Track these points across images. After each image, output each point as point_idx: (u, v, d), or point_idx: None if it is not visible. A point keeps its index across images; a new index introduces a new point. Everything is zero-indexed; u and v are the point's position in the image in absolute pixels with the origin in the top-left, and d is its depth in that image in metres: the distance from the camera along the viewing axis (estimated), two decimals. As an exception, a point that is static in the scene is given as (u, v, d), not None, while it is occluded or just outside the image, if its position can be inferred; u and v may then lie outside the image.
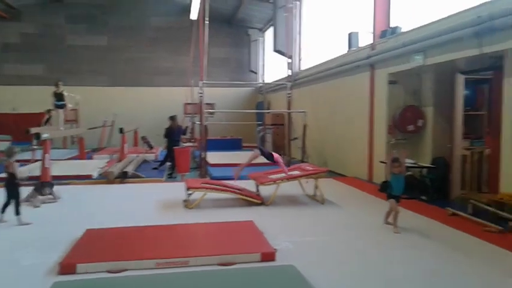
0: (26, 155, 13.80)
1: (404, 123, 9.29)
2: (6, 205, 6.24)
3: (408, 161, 8.56)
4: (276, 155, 7.96)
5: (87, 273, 4.21)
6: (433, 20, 7.99)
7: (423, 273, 4.35)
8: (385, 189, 6.17)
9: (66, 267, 4.30)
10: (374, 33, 10.02)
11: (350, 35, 11.28)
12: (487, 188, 8.10)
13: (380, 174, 9.44)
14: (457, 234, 5.73)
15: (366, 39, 10.72)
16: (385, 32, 9.62)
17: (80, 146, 14.70)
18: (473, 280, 4.18)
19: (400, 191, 5.98)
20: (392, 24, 9.72)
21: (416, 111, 9.30)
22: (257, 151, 8.06)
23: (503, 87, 6.81)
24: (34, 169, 9.51)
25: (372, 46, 10.08)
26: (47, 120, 14.28)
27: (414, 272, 4.38)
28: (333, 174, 11.08)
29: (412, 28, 8.71)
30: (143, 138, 15.50)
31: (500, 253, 4.95)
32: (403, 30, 9.10)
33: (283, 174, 7.86)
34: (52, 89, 12.11)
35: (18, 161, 6.54)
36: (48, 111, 14.08)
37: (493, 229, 5.80)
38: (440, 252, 4.99)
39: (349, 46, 11.34)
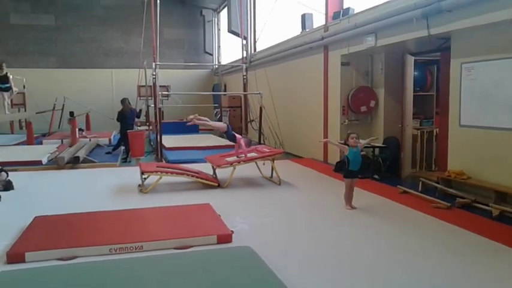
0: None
1: (357, 104, 9.48)
2: None
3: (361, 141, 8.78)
4: (238, 137, 7.93)
5: (37, 261, 4.07)
6: (384, 1, 8.11)
7: (374, 249, 4.48)
8: (340, 169, 6.21)
9: (14, 256, 4.14)
10: (327, 14, 10.08)
11: (303, 16, 11.31)
12: (436, 166, 8.43)
13: (335, 155, 9.64)
14: (408, 211, 5.94)
15: (319, 20, 10.77)
16: (338, 13, 9.69)
17: (28, 131, 14.07)
18: (421, 255, 4.34)
19: (358, 166, 5.94)
20: (345, 6, 9.81)
21: (368, 92, 9.51)
22: (225, 126, 8.04)
23: (450, 68, 7.06)
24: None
25: (325, 27, 10.14)
26: None
27: (367, 248, 4.51)
28: (289, 155, 11.19)
29: (364, 9, 8.81)
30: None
31: (449, 228, 5.16)
32: (356, 11, 9.20)
33: (241, 156, 7.87)
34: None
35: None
36: None
37: (441, 205, 6.05)
38: (391, 229, 5.17)
39: (303, 27, 11.38)
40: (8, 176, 7.31)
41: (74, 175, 8.98)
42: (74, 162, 9.73)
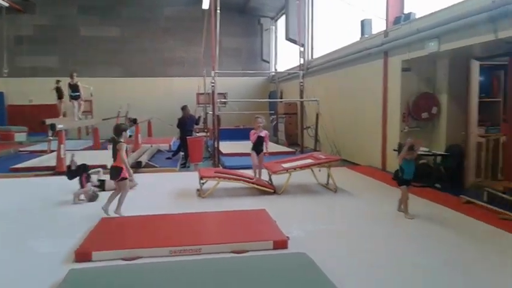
0: (42, 146, 14.03)
1: (419, 111, 9.20)
2: None
3: (422, 149, 8.52)
4: (265, 132, 7.80)
5: (102, 260, 4.29)
6: (447, 6, 7.86)
7: (437, 261, 4.33)
8: (396, 177, 6.17)
9: (82, 255, 4.38)
10: (387, 19, 9.90)
11: (363, 22, 11.16)
12: (502, 175, 8.00)
13: (394, 163, 9.38)
14: (472, 222, 5.68)
15: (379, 26, 10.60)
16: (399, 18, 9.49)
17: (95, 136, 14.86)
18: (488, 268, 4.14)
19: (411, 175, 5.99)
20: (406, 11, 9.59)
21: (430, 98, 9.21)
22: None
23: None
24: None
25: (385, 33, 9.96)
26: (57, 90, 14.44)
27: (427, 260, 4.37)
28: (346, 163, 11.04)
29: (426, 14, 8.57)
30: None
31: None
32: (417, 16, 8.96)
33: (297, 163, 7.87)
34: (67, 80, 12.28)
35: (32, 151, 6.64)
36: (57, 81, 14.35)
37: (508, 216, 5.74)
38: (455, 240, 4.96)
39: (362, 33, 11.23)
40: (91, 187, 7.18)
41: (137, 179, 9.31)
42: (137, 167, 10.11)
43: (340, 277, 3.75)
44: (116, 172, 5.90)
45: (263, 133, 7.71)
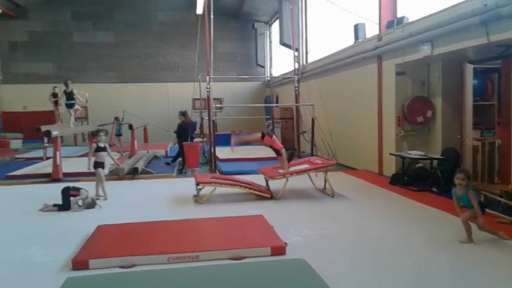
0: (38, 153, 13.97)
1: (414, 115, 9.25)
2: None
3: (418, 153, 8.56)
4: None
5: (100, 268, 4.27)
6: (440, 9, 7.91)
7: (435, 264, 4.34)
8: (396, 181, 5.93)
9: (79, 263, 4.36)
10: (380, 23, 9.95)
11: (356, 26, 11.21)
12: (499, 178, 8.03)
13: (390, 167, 9.43)
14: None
15: (372, 30, 10.65)
16: (392, 22, 9.54)
17: (91, 143, 14.78)
18: (484, 274, 4.16)
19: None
20: (398, 15, 9.64)
21: (425, 102, 9.26)
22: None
23: (512, 76, 6.75)
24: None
25: (378, 37, 10.01)
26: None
27: (426, 263, 4.38)
28: (342, 167, 11.06)
29: (418, 18, 8.63)
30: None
31: (513, 244, 4.91)
32: (410, 20, 9.02)
33: (293, 168, 7.88)
34: (62, 87, 12.27)
35: (28, 159, 6.63)
36: (54, 88, 14.27)
37: (505, 220, 5.76)
38: (451, 244, 4.97)
39: (356, 37, 11.28)
40: (88, 194, 7.14)
41: (134, 185, 9.34)
42: (133, 173, 10.10)
43: (339, 283, 3.76)
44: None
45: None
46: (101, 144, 8.03)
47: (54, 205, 6.94)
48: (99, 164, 7.96)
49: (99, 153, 8.00)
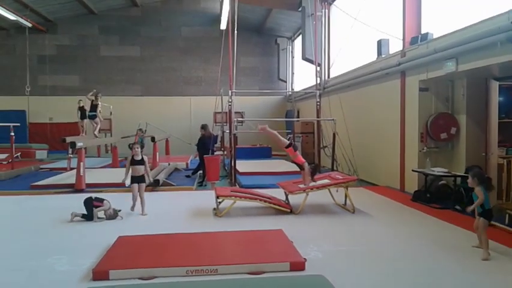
0: (62, 163, 14.26)
1: (437, 131, 9.12)
2: None
3: (441, 170, 8.42)
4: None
5: (120, 279, 4.31)
6: (465, 26, 7.84)
7: (453, 283, 4.24)
8: (418, 198, 5.89)
9: (99, 273, 4.41)
10: (404, 39, 9.91)
11: (379, 42, 11.18)
12: (524, 197, 7.83)
13: (413, 184, 9.29)
14: (494, 246, 5.53)
15: (395, 46, 10.60)
16: (416, 38, 9.49)
17: (114, 155, 15.05)
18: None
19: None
20: (423, 31, 9.59)
21: (449, 118, 9.13)
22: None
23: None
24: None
25: (402, 53, 9.95)
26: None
27: (447, 282, 4.27)
28: (363, 183, 10.95)
29: (443, 34, 8.56)
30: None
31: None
32: (434, 36, 8.95)
33: (314, 183, 7.83)
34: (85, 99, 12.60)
35: (52, 169, 6.75)
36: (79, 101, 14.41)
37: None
38: (475, 265, 4.85)
39: (379, 53, 11.24)
40: (110, 206, 7.25)
41: (154, 197, 9.38)
42: (155, 185, 10.18)
43: (358, 301, 3.70)
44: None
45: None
46: (137, 157, 7.60)
47: (83, 215, 7.04)
48: (134, 179, 7.57)
49: (134, 166, 7.60)
